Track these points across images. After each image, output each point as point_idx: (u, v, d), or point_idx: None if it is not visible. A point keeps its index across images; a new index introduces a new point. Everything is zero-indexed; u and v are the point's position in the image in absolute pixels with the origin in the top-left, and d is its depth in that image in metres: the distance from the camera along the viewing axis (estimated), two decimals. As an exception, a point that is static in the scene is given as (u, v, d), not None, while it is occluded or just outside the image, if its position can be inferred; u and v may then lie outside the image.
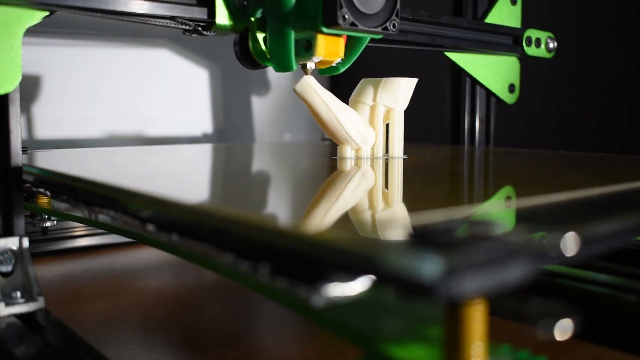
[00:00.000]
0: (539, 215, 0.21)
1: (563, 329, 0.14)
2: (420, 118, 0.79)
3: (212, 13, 0.38)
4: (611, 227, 0.18)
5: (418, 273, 0.14)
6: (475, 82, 0.60)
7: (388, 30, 0.37)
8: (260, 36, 0.39)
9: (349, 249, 0.16)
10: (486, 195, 0.28)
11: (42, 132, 0.66)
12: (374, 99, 0.42)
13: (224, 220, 0.20)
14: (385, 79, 0.42)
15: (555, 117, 0.70)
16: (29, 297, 0.32)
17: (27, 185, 0.35)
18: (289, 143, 0.79)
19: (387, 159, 0.42)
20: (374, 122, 0.42)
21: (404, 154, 0.43)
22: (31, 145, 0.65)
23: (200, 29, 0.38)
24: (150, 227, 0.24)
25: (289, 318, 0.39)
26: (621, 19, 0.65)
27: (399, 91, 0.42)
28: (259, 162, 0.48)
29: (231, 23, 0.38)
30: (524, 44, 0.57)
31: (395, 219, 0.21)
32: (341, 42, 0.38)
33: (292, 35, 0.36)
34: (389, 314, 0.18)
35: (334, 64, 0.39)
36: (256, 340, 0.37)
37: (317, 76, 0.41)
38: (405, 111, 0.44)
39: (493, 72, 0.60)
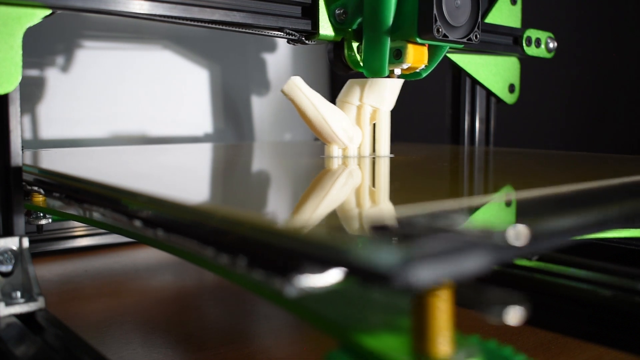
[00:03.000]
0: (505, 210, 0.22)
1: (513, 316, 0.15)
2: (420, 118, 0.79)
3: (315, 24, 0.42)
4: (564, 223, 0.18)
5: (377, 263, 0.14)
6: (475, 82, 0.60)
7: (472, 40, 0.41)
8: (354, 45, 0.43)
9: (318, 242, 0.16)
10: (459, 191, 0.30)
11: (43, 132, 0.66)
12: (361, 99, 0.43)
13: (206, 215, 0.21)
14: (371, 79, 0.43)
15: (555, 117, 0.70)
16: (29, 297, 0.32)
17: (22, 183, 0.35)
18: (281, 143, 0.79)
19: (373, 158, 0.43)
20: (361, 122, 0.43)
21: (391, 152, 0.44)
22: (32, 145, 0.65)
23: (303, 38, 0.42)
24: (138, 222, 0.24)
25: (289, 318, 0.39)
26: (621, 19, 0.65)
27: (384, 91, 0.43)
28: (248, 161, 0.48)
29: (333, 34, 0.42)
30: (524, 44, 0.57)
31: (366, 214, 0.22)
32: (426, 50, 0.41)
33: (388, 44, 0.40)
34: (361, 305, 0.19)
35: (417, 70, 0.42)
36: (256, 340, 0.37)
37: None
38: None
39: (493, 72, 0.60)
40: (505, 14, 0.58)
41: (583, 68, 0.68)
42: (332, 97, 0.45)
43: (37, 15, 0.32)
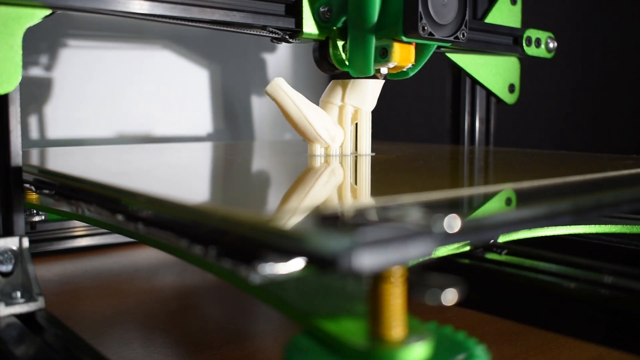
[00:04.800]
0: (451, 204, 0.24)
1: (448, 297, 0.16)
2: (420, 118, 0.79)
3: (299, 23, 0.41)
4: (505, 217, 0.20)
5: (325, 249, 0.16)
6: (475, 82, 0.60)
7: (459, 39, 0.40)
8: (339, 44, 0.43)
9: (279, 232, 0.18)
10: (422, 186, 0.30)
11: (46, 132, 0.66)
12: (343, 99, 0.44)
13: (182, 210, 0.22)
14: (353, 80, 0.43)
15: (555, 117, 0.70)
16: (29, 297, 0.32)
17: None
18: (270, 142, 0.79)
19: (355, 156, 0.43)
20: (343, 122, 0.44)
21: (374, 151, 0.45)
22: (32, 145, 0.65)
23: (287, 37, 0.42)
24: (121, 217, 0.25)
25: (288, 318, 0.39)
26: (621, 19, 0.65)
27: (366, 92, 0.44)
28: (232, 159, 0.48)
29: (317, 32, 0.42)
30: (524, 44, 0.57)
31: (324, 206, 0.24)
32: (412, 49, 0.41)
33: (373, 42, 0.40)
34: (323, 291, 0.21)
35: (404, 69, 0.42)
36: (256, 340, 0.37)
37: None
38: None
39: (493, 72, 0.60)
40: (505, 14, 0.58)
41: (583, 68, 0.68)
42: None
43: (37, 15, 0.32)
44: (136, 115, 0.73)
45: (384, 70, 0.41)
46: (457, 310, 0.37)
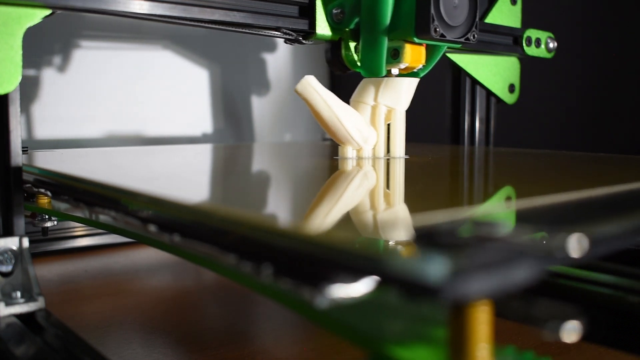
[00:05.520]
0: (542, 215, 0.21)
1: (570, 331, 0.14)
2: (420, 118, 0.79)
3: (312, 24, 0.42)
4: (617, 228, 0.17)
5: (424, 275, 0.13)
6: (475, 82, 0.60)
7: (469, 40, 0.41)
8: (352, 45, 0.43)
9: (353, 250, 0.16)
10: (489, 196, 0.28)
11: (42, 131, 0.66)
12: (375, 99, 0.42)
13: (225, 220, 0.20)
14: (386, 78, 0.42)
15: (555, 117, 0.70)
16: (29, 297, 0.32)
17: (27, 185, 0.35)
18: (289, 143, 0.79)
19: (388, 159, 0.42)
20: (376, 122, 0.42)
21: (405, 154, 0.43)
22: (31, 145, 0.65)
23: (300, 38, 0.43)
24: (152, 227, 0.24)
25: (289, 318, 0.39)
26: (621, 19, 0.65)
27: (400, 91, 0.42)
28: (261, 162, 0.48)
29: (330, 33, 0.43)
30: (524, 44, 0.57)
31: (398, 220, 0.21)
32: (423, 50, 0.41)
33: (386, 44, 0.40)
34: (393, 315, 0.18)
35: (415, 70, 0.42)
36: (256, 340, 0.37)
37: (318, 76, 0.41)
38: (406, 111, 0.44)
39: (493, 72, 0.60)
40: (505, 14, 0.58)
41: (583, 68, 0.68)
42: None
43: (37, 15, 0.32)
44: (135, 115, 0.73)
45: (395, 71, 0.41)
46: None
